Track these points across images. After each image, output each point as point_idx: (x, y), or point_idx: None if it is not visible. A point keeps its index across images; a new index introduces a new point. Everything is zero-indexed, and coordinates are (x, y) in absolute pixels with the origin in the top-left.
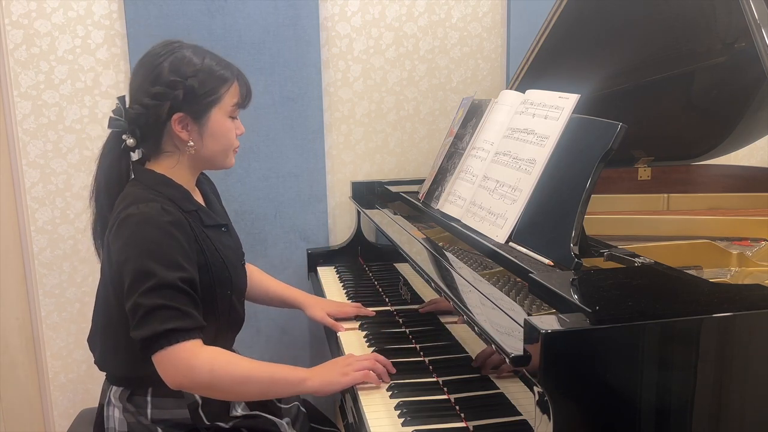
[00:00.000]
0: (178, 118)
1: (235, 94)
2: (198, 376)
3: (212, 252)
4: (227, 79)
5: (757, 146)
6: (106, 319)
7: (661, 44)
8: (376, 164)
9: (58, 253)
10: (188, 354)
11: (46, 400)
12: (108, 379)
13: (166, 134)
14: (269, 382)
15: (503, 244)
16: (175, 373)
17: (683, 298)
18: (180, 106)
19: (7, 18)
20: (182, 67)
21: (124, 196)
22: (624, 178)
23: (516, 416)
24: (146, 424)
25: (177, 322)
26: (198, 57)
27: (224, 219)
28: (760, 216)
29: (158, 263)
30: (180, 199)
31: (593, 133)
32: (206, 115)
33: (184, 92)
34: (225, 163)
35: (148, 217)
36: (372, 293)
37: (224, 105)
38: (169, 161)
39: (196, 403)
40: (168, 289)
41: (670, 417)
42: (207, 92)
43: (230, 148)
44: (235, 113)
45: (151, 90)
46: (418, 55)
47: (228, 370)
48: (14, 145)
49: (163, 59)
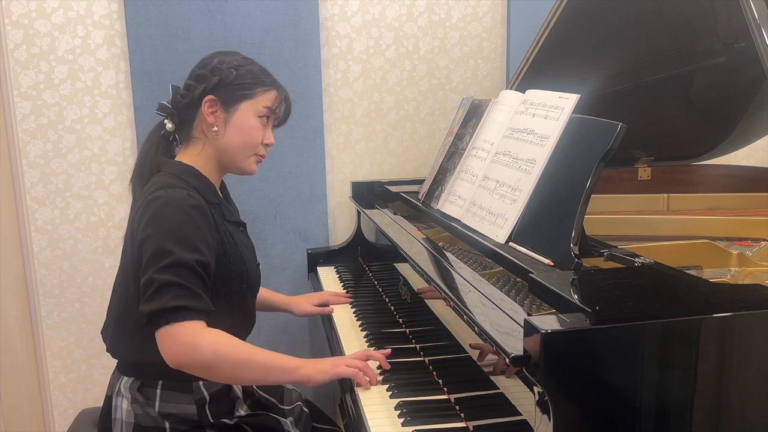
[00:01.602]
0: (209, 100)
1: (270, 98)
2: (199, 356)
3: (231, 245)
4: (266, 84)
5: (757, 146)
6: (123, 304)
7: (661, 44)
8: (376, 164)
9: (58, 253)
10: (192, 333)
11: (46, 400)
12: (118, 368)
13: (198, 118)
14: (267, 368)
15: (503, 244)
16: (177, 350)
17: (683, 298)
18: (213, 89)
19: (7, 18)
20: (229, 61)
21: (153, 182)
22: (624, 178)
23: (516, 416)
24: (153, 416)
25: (186, 300)
26: (246, 60)
27: (241, 220)
28: (760, 216)
29: (177, 244)
30: (205, 190)
31: (593, 133)
32: (236, 105)
33: (221, 78)
34: (245, 163)
35: (173, 199)
36: (372, 293)
37: (256, 103)
38: (195, 148)
39: (204, 400)
40: (182, 268)
41: (670, 417)
42: (242, 85)
43: (252, 147)
44: (267, 118)
45: (195, 73)
46: (418, 55)
47: (229, 353)
48: (14, 145)
49: (217, 55)
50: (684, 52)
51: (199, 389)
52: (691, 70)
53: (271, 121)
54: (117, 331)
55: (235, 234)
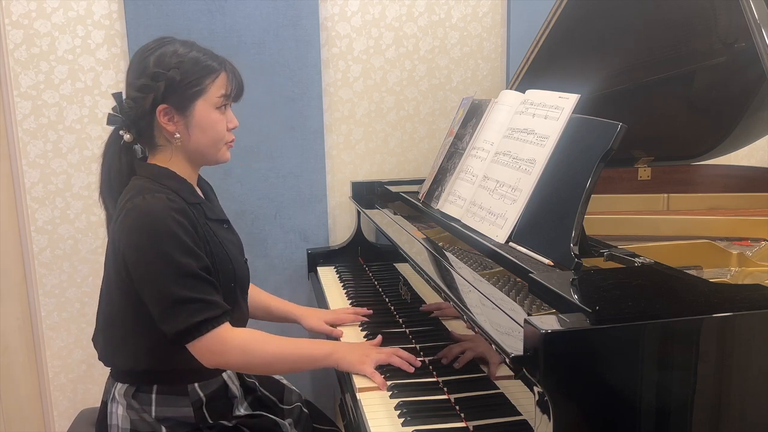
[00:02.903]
0: (162, 109)
1: (221, 85)
2: (232, 358)
3: (216, 243)
4: (213, 71)
5: (757, 146)
6: (110, 313)
7: (661, 44)
8: (376, 164)
9: (58, 253)
10: (220, 339)
11: (46, 400)
12: (112, 375)
13: (156, 127)
14: (298, 358)
15: (503, 244)
16: (210, 357)
17: (683, 298)
18: (163, 98)
19: (7, 18)
20: (166, 59)
21: (129, 188)
22: (624, 178)
23: (516, 416)
24: (150, 421)
25: (205, 313)
26: (184, 49)
27: (225, 216)
28: (760, 216)
29: (175, 252)
30: (183, 191)
31: (593, 133)
32: (191, 106)
33: (167, 83)
34: (218, 156)
35: (154, 206)
36: (372, 293)
37: (210, 96)
38: (164, 155)
39: (200, 401)
40: (189, 279)
41: (670, 417)
42: (190, 83)
43: (220, 141)
44: (225, 105)
45: (137, 83)
46: (418, 55)
47: (259, 351)
48: (14, 145)
49: (150, 53)
50: (684, 52)
51: (195, 391)
52: (691, 70)
53: (229, 104)
54: (107, 339)
55: (219, 232)
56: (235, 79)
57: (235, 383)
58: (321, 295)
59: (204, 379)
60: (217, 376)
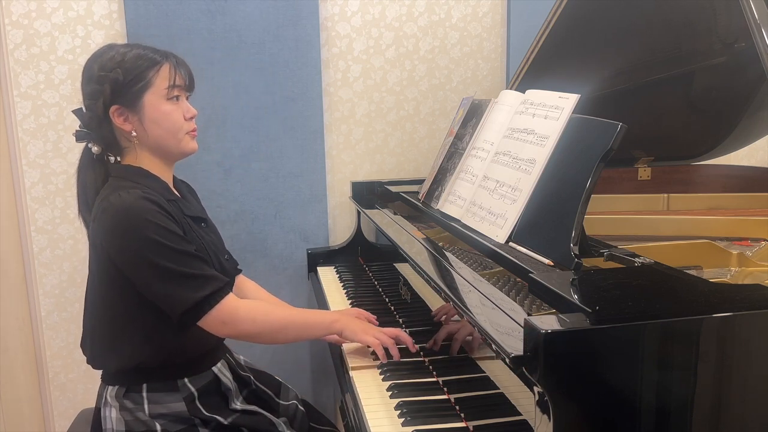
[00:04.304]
0: (115, 110)
1: (165, 75)
2: (242, 327)
3: (194, 238)
4: (155, 63)
5: (757, 146)
6: (96, 315)
7: (661, 44)
8: (376, 164)
9: (58, 253)
10: (230, 309)
11: (46, 400)
12: (103, 379)
13: (116, 130)
14: (304, 326)
15: (503, 244)
16: (222, 328)
17: (683, 298)
18: (112, 99)
19: (7, 18)
20: (108, 63)
21: (104, 189)
22: (624, 178)
23: (516, 416)
24: (144, 419)
25: (208, 287)
26: (125, 49)
27: (203, 215)
28: (760, 216)
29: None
30: (159, 188)
31: (593, 133)
32: (139, 101)
33: (112, 84)
34: (181, 146)
35: (128, 199)
36: (372, 293)
37: (156, 88)
38: (131, 156)
39: (192, 396)
40: (182, 257)
41: (670, 417)
42: (133, 79)
43: (179, 131)
44: (177, 97)
45: (87, 90)
46: (418, 55)
47: (268, 320)
48: (14, 145)
49: (94, 60)
50: (684, 52)
51: (186, 386)
52: (691, 70)
53: (180, 93)
54: (94, 341)
55: (195, 228)
56: (181, 68)
57: (227, 376)
58: (321, 295)
59: (194, 373)
60: (207, 370)
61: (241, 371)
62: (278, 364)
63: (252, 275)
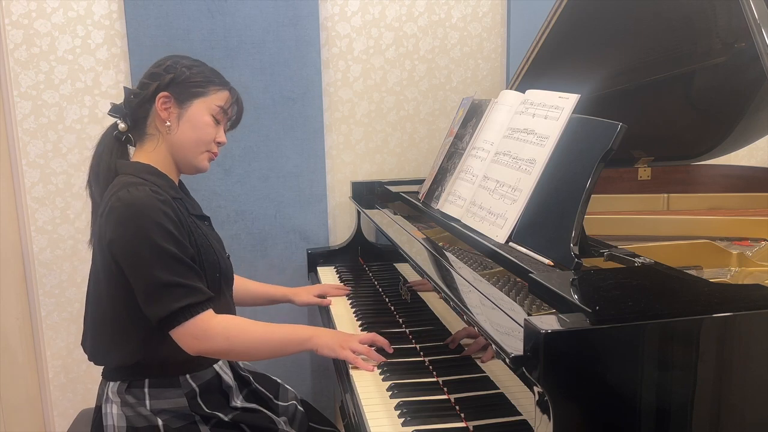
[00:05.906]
0: (163, 96)
1: (222, 98)
2: (215, 344)
3: (199, 235)
4: (222, 84)
5: (757, 146)
6: (99, 311)
7: (661, 44)
8: (376, 164)
9: (58, 253)
10: (203, 325)
11: (46, 400)
12: (104, 375)
13: (151, 115)
14: (279, 342)
15: (503, 244)
16: (193, 343)
17: (683, 298)
18: (167, 86)
19: (7, 18)
20: (183, 61)
21: (113, 185)
22: (624, 178)
23: (516, 416)
24: (146, 414)
25: (188, 298)
26: (199, 62)
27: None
28: (760, 216)
29: (159, 236)
30: (165, 186)
31: (593, 133)
32: (189, 101)
33: (175, 75)
34: (197, 159)
35: (138, 197)
36: (372, 293)
37: (209, 101)
38: (150, 145)
39: (194, 392)
40: (174, 264)
41: (670, 417)
42: (195, 83)
43: (204, 144)
44: (220, 120)
45: (149, 72)
46: (418, 55)
47: (242, 337)
48: (14, 145)
49: (170, 57)
50: (684, 52)
51: (187, 382)
52: (691, 70)
53: (224, 120)
54: (96, 338)
55: (201, 226)
56: (237, 104)
57: (228, 374)
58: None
59: (195, 370)
60: (209, 367)
61: (241, 371)
62: (278, 364)
63: (252, 275)
